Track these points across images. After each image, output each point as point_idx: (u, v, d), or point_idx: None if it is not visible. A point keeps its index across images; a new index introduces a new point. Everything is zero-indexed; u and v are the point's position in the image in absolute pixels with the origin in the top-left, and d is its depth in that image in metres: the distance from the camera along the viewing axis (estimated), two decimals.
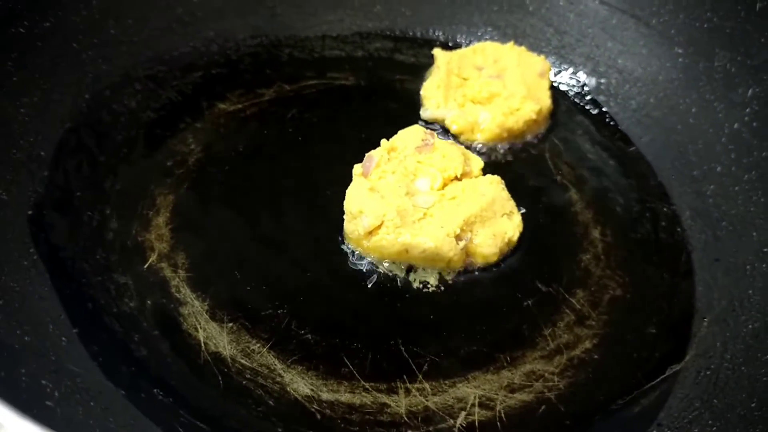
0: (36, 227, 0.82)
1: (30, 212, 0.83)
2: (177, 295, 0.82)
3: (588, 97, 1.13)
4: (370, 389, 0.77)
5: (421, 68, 1.14)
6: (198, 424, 0.71)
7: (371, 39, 1.17)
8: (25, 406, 0.53)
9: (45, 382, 0.65)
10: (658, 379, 0.80)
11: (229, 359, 0.77)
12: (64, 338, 0.73)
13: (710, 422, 0.74)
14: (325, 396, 0.76)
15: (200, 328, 0.79)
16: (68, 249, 0.83)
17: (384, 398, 0.76)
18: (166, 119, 1.01)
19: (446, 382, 0.78)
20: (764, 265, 0.87)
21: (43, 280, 0.78)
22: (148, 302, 0.81)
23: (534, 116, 1.04)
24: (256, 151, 0.99)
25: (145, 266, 0.84)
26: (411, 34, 1.20)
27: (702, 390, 0.78)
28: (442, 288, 0.86)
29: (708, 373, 0.80)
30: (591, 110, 1.11)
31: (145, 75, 1.03)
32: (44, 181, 0.86)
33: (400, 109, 1.09)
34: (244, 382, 0.76)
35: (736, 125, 0.98)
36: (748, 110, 0.98)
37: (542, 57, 1.11)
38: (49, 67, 0.94)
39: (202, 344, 0.78)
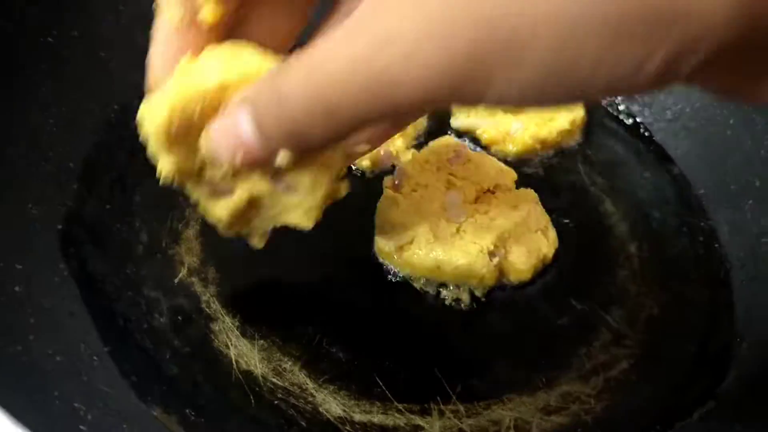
0: (66, 242, 0.81)
1: (60, 226, 0.82)
2: (207, 310, 0.81)
3: (621, 107, 1.11)
4: (404, 410, 0.76)
5: None
6: None
7: None
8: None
9: (78, 405, 0.65)
10: (698, 402, 0.78)
11: (260, 378, 0.76)
12: (95, 357, 0.72)
13: None
14: (358, 417, 0.75)
15: (231, 345, 0.78)
16: (98, 263, 0.82)
17: (417, 420, 0.75)
18: None
19: (480, 404, 0.77)
20: None
21: (73, 297, 0.77)
22: (179, 318, 0.80)
23: (568, 126, 1.03)
24: None
25: (176, 280, 0.83)
26: None
27: (743, 414, 0.77)
28: (475, 305, 0.85)
29: (749, 397, 0.78)
30: (625, 120, 1.09)
31: None
32: (73, 194, 0.85)
33: (428, 117, 1.07)
34: (276, 402, 0.74)
35: None
36: None
37: None
38: (77, 78, 0.93)
39: (234, 362, 0.77)
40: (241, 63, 0.55)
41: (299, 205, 0.67)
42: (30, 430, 0.54)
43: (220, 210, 0.67)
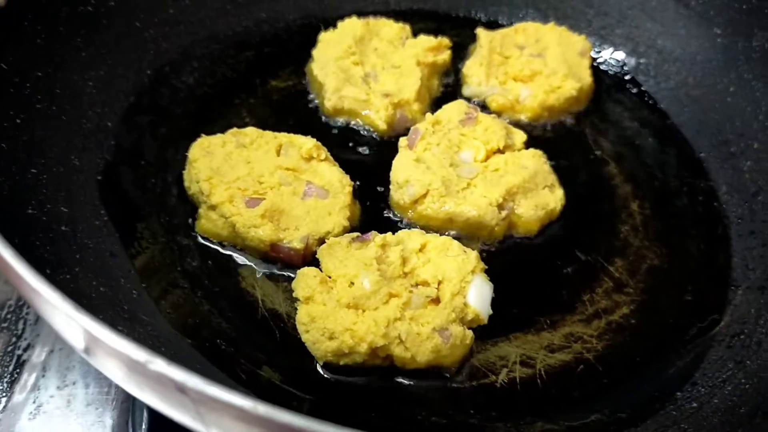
0: (105, 191, 0.88)
1: (99, 177, 0.89)
2: (235, 255, 0.87)
3: (627, 77, 1.16)
4: None
5: (464, 48, 1.17)
6: (258, 372, 0.76)
7: (415, 19, 1.20)
8: None
9: (121, 328, 0.71)
10: (694, 342, 0.84)
11: (284, 315, 0.82)
12: (134, 291, 0.79)
13: (743, 381, 0.78)
14: None
15: (257, 286, 0.84)
16: (135, 212, 0.88)
17: None
18: (221, 95, 1.06)
19: (489, 341, 0.82)
20: None
21: (113, 239, 0.84)
22: (209, 262, 0.86)
23: (575, 93, 1.07)
24: (306, 124, 1.03)
25: None
26: (454, 14, 1.24)
27: (735, 352, 0.82)
28: (485, 255, 0.90)
29: (742, 337, 0.83)
30: (631, 89, 1.14)
31: (202, 53, 1.09)
32: (112, 150, 0.92)
33: (442, 84, 1.12)
34: (298, 336, 0.80)
35: None
36: None
37: (583, 36, 1.14)
38: (113, 44, 0.99)
39: (260, 301, 0.83)
40: None
41: None
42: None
43: None
